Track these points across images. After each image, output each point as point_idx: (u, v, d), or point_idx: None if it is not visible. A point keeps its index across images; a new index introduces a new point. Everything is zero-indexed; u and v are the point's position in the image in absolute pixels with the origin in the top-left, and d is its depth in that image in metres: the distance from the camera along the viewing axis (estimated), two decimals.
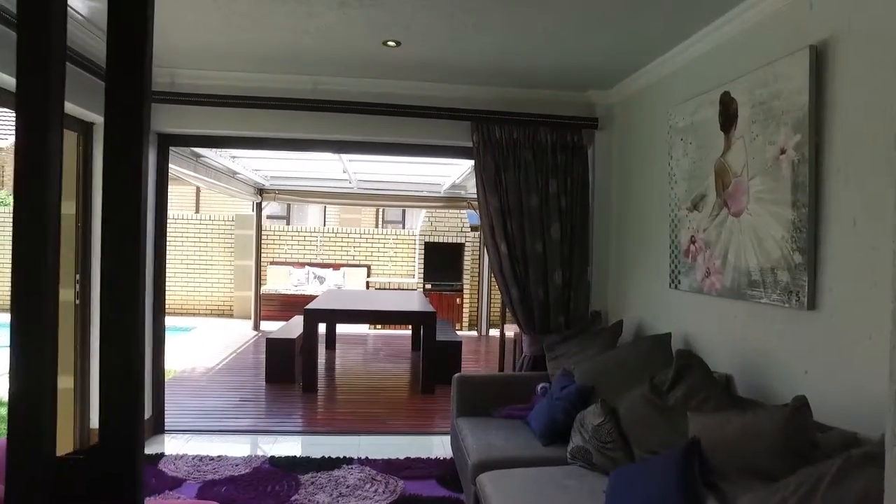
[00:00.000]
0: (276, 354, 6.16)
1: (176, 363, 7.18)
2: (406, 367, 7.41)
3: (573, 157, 4.39)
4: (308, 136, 4.49)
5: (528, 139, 4.33)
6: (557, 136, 4.36)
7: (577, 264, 4.41)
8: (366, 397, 5.89)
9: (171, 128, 4.32)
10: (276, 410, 5.35)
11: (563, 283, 4.38)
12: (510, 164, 4.33)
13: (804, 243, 2.32)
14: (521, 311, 4.38)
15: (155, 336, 4.43)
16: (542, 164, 4.35)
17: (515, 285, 4.34)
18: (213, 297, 11.28)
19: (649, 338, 3.43)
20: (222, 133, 4.44)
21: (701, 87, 3.10)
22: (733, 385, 2.82)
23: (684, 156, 3.29)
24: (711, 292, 3.03)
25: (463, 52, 3.66)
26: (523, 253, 4.35)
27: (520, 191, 4.33)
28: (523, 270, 4.36)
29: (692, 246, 3.22)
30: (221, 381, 6.26)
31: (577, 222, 4.40)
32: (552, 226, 4.35)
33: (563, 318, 4.41)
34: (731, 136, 2.82)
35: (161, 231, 4.42)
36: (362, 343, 8.90)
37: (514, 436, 3.47)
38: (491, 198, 4.32)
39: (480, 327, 10.01)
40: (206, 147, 5.39)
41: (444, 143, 4.56)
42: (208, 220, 11.40)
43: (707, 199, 3.06)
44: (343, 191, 9.68)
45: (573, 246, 4.40)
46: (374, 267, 11.59)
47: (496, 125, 4.31)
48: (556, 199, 4.36)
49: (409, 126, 4.37)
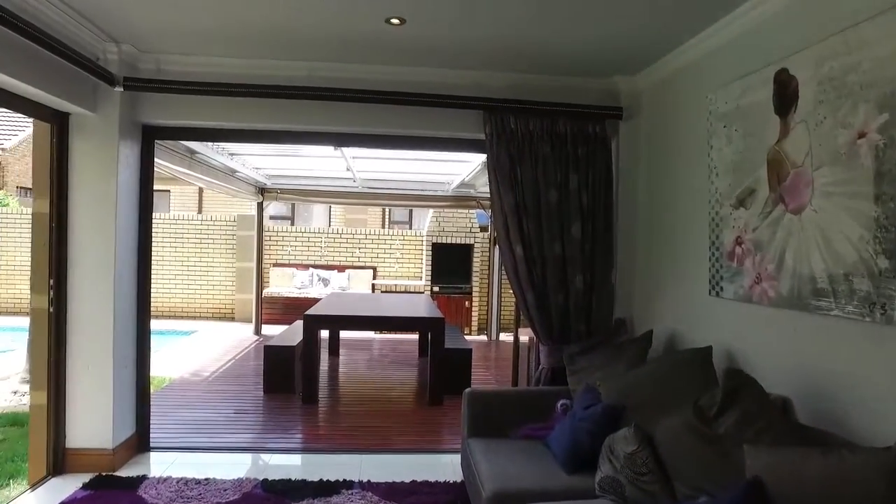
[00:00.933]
0: (275, 362, 5.79)
1: (172, 370, 6.86)
2: (413, 375, 7.02)
3: (595, 150, 3.99)
4: (304, 128, 4.11)
5: (546, 130, 3.94)
6: (578, 126, 3.96)
7: (600, 267, 4.01)
8: (369, 409, 5.51)
9: (156, 119, 3.96)
10: (273, 425, 4.97)
11: (584, 288, 3.99)
12: (526, 158, 3.94)
13: (892, 245, 1.92)
14: (538, 319, 3.99)
15: (139, 345, 4.06)
16: (562, 158, 3.96)
17: (532, 290, 3.95)
18: (214, 300, 10.95)
19: (687, 352, 3.03)
20: (212, 125, 4.07)
21: (750, 66, 2.70)
22: (792, 410, 2.42)
23: (728, 145, 2.89)
24: (763, 301, 2.63)
25: (474, 32, 3.28)
26: (541, 254, 3.96)
27: (537, 186, 3.94)
28: (541, 274, 3.97)
29: (738, 248, 2.82)
30: (217, 391, 5.90)
31: (599, 221, 4.00)
32: (572, 225, 3.96)
33: (585, 327, 4.01)
34: (788, 120, 2.42)
35: (146, 231, 4.06)
36: (367, 348, 8.52)
37: (534, 461, 3.09)
38: (505, 194, 3.93)
39: (490, 332, 9.62)
40: (195, 140, 5.03)
41: (453, 136, 4.18)
42: (209, 221, 11.07)
43: (757, 195, 2.66)
44: (347, 190, 9.32)
45: (595, 247, 4.00)
46: (380, 269, 11.22)
47: (511, 115, 3.92)
48: (577, 196, 3.97)
49: (415, 116, 3.98)
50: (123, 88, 3.66)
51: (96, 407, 3.70)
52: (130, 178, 3.90)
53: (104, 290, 3.68)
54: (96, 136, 3.67)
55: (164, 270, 10.84)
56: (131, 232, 3.94)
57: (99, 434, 3.71)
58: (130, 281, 3.94)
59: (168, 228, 10.93)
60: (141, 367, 4.10)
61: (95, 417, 3.70)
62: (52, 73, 3.21)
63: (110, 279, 3.68)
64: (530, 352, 5.18)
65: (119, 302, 3.75)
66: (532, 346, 5.04)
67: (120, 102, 3.70)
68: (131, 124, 3.87)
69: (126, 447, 3.90)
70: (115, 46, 3.61)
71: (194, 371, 6.74)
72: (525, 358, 5.33)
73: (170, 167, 5.45)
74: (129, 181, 3.89)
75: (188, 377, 6.44)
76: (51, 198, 3.60)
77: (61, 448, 3.66)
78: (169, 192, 15.12)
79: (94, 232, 3.68)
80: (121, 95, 3.69)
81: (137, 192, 4.00)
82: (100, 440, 3.71)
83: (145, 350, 4.11)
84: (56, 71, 3.23)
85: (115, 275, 3.70)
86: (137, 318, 4.03)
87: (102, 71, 3.52)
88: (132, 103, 3.84)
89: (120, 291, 3.76)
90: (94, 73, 3.45)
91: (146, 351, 4.12)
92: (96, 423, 3.70)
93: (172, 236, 10.92)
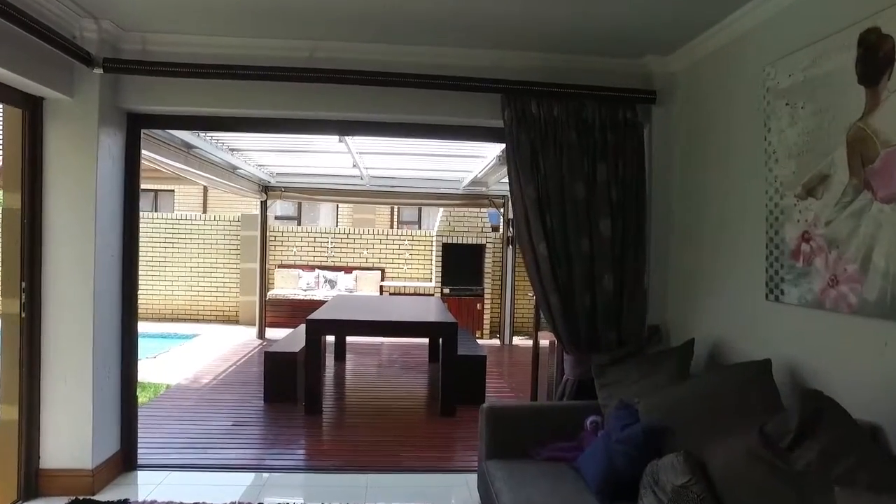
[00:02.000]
0: (276, 370, 5.43)
1: (170, 376, 6.52)
2: (423, 383, 6.64)
3: (626, 138, 3.59)
4: (306, 115, 3.73)
5: (572, 116, 3.55)
6: (606, 111, 3.57)
7: (631, 267, 3.61)
8: (377, 421, 5.12)
9: (141, 105, 3.59)
10: (273, 439, 4.60)
11: (614, 290, 3.59)
12: (550, 146, 3.54)
13: None
14: (562, 325, 3.59)
15: (124, 352, 3.70)
16: (589, 146, 3.56)
17: (556, 292, 3.55)
18: (217, 303, 10.61)
19: (741, 366, 2.62)
20: (205, 112, 3.70)
21: (824, 28, 2.29)
22: (883, 440, 2.01)
23: (791, 125, 2.48)
24: (841, 308, 2.22)
25: (491, 4, 2.89)
26: (566, 253, 3.56)
27: (562, 178, 3.54)
28: (566, 274, 3.57)
29: (805, 245, 2.41)
30: (215, 400, 5.54)
31: (631, 216, 3.60)
32: (601, 220, 3.56)
33: (615, 334, 3.62)
34: (878, 89, 2.02)
35: (131, 229, 3.69)
36: (375, 353, 8.14)
37: (562, 487, 2.72)
38: (526, 186, 3.54)
39: (503, 335, 9.22)
40: (186, 129, 4.65)
41: (467, 123, 3.79)
42: (213, 221, 10.74)
43: (831, 181, 2.25)
44: (355, 188, 8.96)
45: (626, 244, 3.60)
46: (388, 270, 10.85)
47: (532, 99, 3.53)
48: (606, 188, 3.57)
49: (426, 101, 3.61)
50: (103, 70, 3.29)
51: (74, 422, 3.34)
52: (113, 171, 3.54)
53: (83, 292, 3.32)
54: (74, 124, 3.31)
55: (166, 272, 10.53)
56: (115, 230, 3.58)
57: (77, 452, 3.34)
58: (114, 282, 3.58)
59: (170, 228, 10.62)
60: (127, 378, 3.74)
61: (73, 434, 3.34)
62: (23, 52, 2.85)
63: (90, 281, 3.32)
64: (549, 358, 4.78)
65: (100, 305, 3.39)
66: (553, 353, 4.64)
67: (100, 86, 3.34)
68: (114, 111, 3.51)
69: (109, 466, 3.54)
70: (93, 23, 3.25)
71: (193, 377, 6.39)
72: (545, 364, 4.92)
73: (164, 162, 5.10)
74: (112, 174, 3.53)
75: (186, 384, 6.09)
76: (23, 191, 3.24)
77: (34, 469, 3.30)
78: (173, 192, 14.82)
79: (71, 229, 3.32)
80: (101, 78, 3.33)
81: (122, 186, 3.64)
82: (78, 459, 3.34)
83: (132, 358, 3.74)
84: (27, 50, 2.87)
85: (96, 276, 3.34)
86: (122, 323, 3.67)
87: (79, 50, 3.16)
88: (114, 87, 3.48)
89: (101, 294, 3.40)
90: (69, 53, 3.09)
91: (132, 359, 3.75)
92: (74, 440, 3.34)
93: (175, 236, 10.61)
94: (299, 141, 6.03)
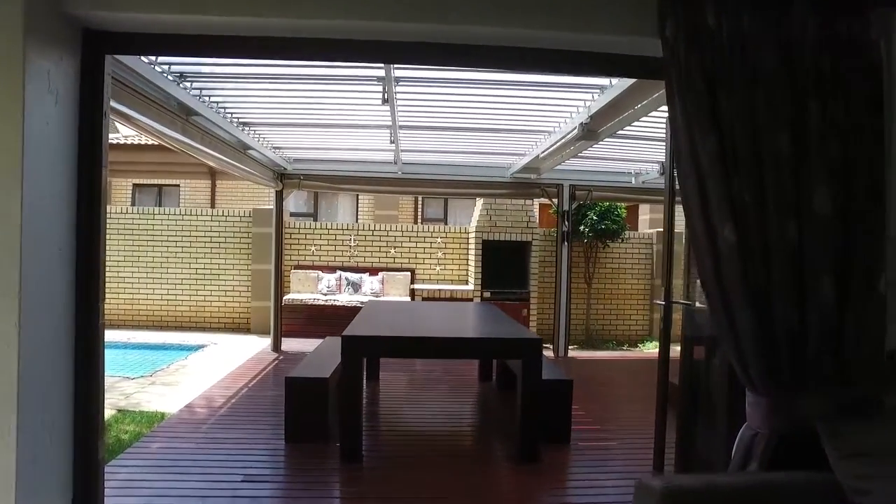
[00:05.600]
0: (301, 402, 4.16)
1: (169, 402, 5.32)
2: (479, 411, 5.37)
3: (853, 63, 2.30)
4: (334, 29, 2.45)
5: (771, 30, 2.27)
6: (822, 22, 2.27)
7: (861, 264, 2.32)
8: (434, 472, 3.80)
9: (102, 11, 2.33)
10: (298, 499, 3.33)
11: (835, 299, 2.30)
12: (736, 77, 2.26)
13: None
14: (753, 350, 2.30)
15: (78, 391, 2.44)
16: (797, 77, 2.27)
17: (750, 304, 2.26)
18: (227, 308, 9.39)
19: None
20: (192, 22, 2.41)
21: None
22: None
23: None
24: None
25: None
26: (763, 242, 2.28)
27: (754, 126, 2.26)
28: (764, 275, 2.28)
29: None
30: (221, 440, 4.27)
31: (860, 185, 2.30)
32: (815, 191, 2.27)
33: (836, 365, 2.32)
34: None
35: (90, 211, 2.44)
36: (410, 368, 6.85)
37: None
38: (701, 138, 2.26)
39: (557, 346, 7.91)
40: (169, 54, 3.18)
41: (598, 50, 2.52)
42: (221, 217, 9.52)
43: None
44: (384, 176, 7.71)
45: (853, 230, 2.31)
46: (418, 271, 9.58)
47: (710, 5, 2.25)
48: (821, 141, 2.28)
49: (524, 12, 2.33)
50: None
51: None
52: (58, 118, 2.28)
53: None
54: None
55: (169, 274, 9.33)
56: (61, 210, 2.33)
57: None
58: (59, 289, 2.33)
59: (174, 226, 9.42)
60: (85, 423, 2.47)
61: None
62: None
63: (11, 289, 2.07)
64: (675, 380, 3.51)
65: (33, 324, 2.15)
66: (685, 367, 3.35)
67: None
68: (56, 20, 2.25)
69: None
70: None
71: (196, 404, 5.15)
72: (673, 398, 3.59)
73: (153, 127, 3.85)
74: (57, 122, 2.27)
75: (186, 415, 4.84)
76: None
77: None
78: (178, 187, 13.64)
79: None
80: None
81: (74, 143, 2.39)
82: None
83: (91, 393, 2.48)
84: None
85: (23, 282, 2.08)
86: (76, 346, 2.42)
87: None
88: None
89: (35, 307, 2.15)
90: None
91: (92, 395, 2.48)
92: None
93: (181, 235, 9.40)
94: (326, 110, 4.80)
